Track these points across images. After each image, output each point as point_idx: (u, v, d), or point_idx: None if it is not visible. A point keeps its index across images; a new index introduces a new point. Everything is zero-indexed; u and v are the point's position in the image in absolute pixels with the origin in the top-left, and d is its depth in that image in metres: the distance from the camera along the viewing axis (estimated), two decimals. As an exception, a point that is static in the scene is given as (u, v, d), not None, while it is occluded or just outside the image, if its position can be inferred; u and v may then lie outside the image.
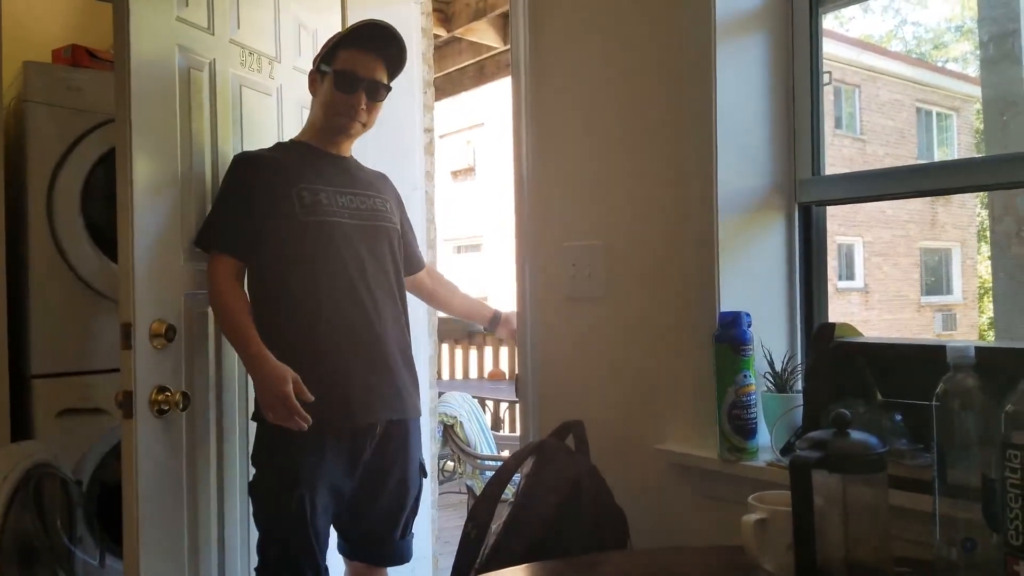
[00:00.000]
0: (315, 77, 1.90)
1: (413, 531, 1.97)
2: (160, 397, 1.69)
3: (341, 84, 1.83)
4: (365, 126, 1.90)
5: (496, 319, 2.18)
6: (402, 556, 1.93)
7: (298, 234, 1.75)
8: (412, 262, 2.07)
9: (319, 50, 1.93)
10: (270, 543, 1.76)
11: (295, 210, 1.76)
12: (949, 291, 11.25)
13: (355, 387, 1.76)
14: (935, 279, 11.37)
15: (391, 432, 1.85)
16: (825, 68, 1.56)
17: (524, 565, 1.21)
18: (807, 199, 1.53)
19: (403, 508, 1.90)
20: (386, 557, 1.92)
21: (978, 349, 0.99)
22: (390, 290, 1.86)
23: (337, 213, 1.80)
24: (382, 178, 2.03)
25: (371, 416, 1.80)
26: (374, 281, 1.82)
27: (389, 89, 1.91)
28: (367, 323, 1.79)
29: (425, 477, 2.00)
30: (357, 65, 1.83)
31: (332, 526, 1.85)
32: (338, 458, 1.77)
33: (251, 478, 1.81)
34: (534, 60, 1.86)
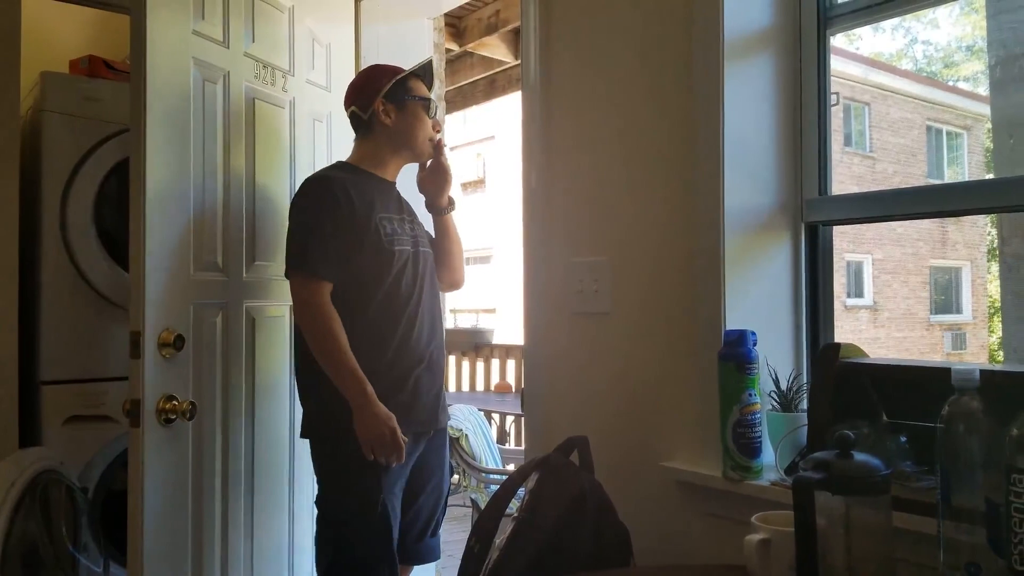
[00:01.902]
0: (387, 107, 1.91)
1: (440, 532, 2.04)
2: (167, 406, 1.70)
3: (428, 110, 1.97)
4: None
5: (429, 203, 2.06)
6: (432, 553, 2.01)
7: (384, 261, 1.83)
8: None
9: (377, 80, 1.93)
10: (347, 557, 1.77)
11: (381, 239, 1.84)
12: (959, 310, 11.20)
13: (424, 397, 1.89)
14: (945, 298, 11.32)
15: (437, 432, 1.97)
16: (834, 87, 1.57)
17: (526, 581, 1.22)
18: (813, 219, 1.54)
19: (438, 504, 2.01)
20: (419, 555, 1.98)
21: (983, 372, 0.99)
22: (439, 310, 2.01)
23: (405, 241, 1.90)
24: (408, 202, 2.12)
25: (435, 422, 1.94)
26: (431, 302, 1.95)
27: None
28: (428, 341, 1.92)
29: (452, 476, 2.11)
30: (427, 93, 1.99)
31: None
32: (407, 460, 1.84)
33: (318, 496, 1.83)
34: (544, 77, 1.87)
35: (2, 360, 2.24)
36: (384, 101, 1.91)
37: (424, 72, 2.01)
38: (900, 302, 11.01)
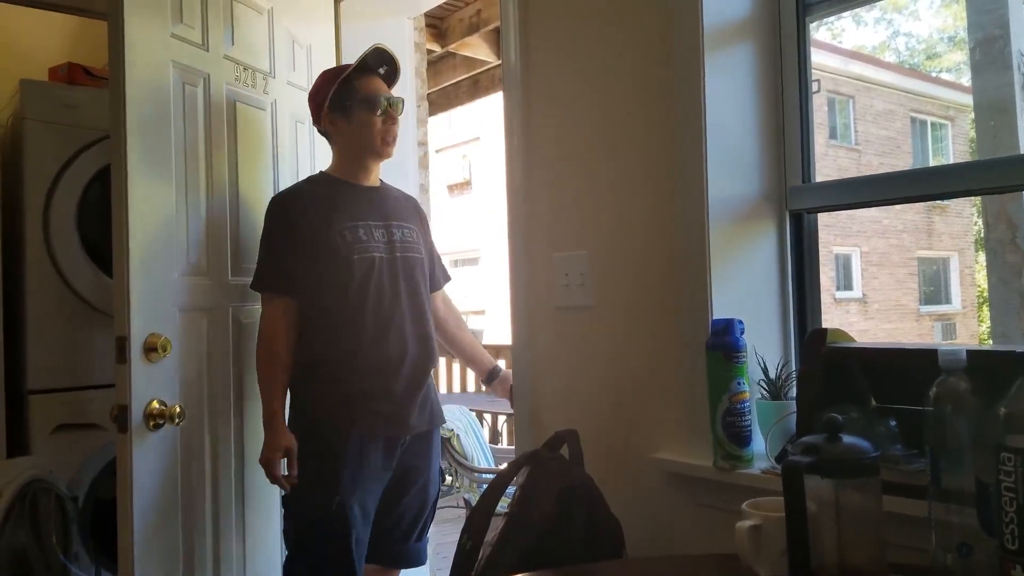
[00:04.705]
0: (333, 117, 1.92)
1: (427, 536, 2.03)
2: (155, 411, 1.69)
3: (374, 107, 1.89)
4: (395, 140, 1.97)
5: (495, 373, 2.18)
6: (418, 558, 2.00)
7: (343, 270, 1.83)
8: (431, 282, 2.08)
9: (321, 90, 1.93)
10: (303, 557, 1.80)
11: (339, 248, 1.83)
12: (948, 300, 11.24)
13: (399, 402, 1.86)
14: (933, 288, 11.35)
15: (419, 436, 1.94)
16: (815, 77, 1.57)
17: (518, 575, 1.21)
18: (798, 206, 1.54)
19: (424, 509, 1.99)
20: (403, 558, 1.97)
21: (969, 352, 0.98)
22: (424, 315, 1.95)
23: (375, 248, 1.87)
24: (409, 202, 2.09)
25: (412, 427, 1.90)
26: (409, 309, 1.91)
27: (403, 100, 1.98)
28: (406, 346, 1.88)
29: (443, 482, 2.05)
30: (377, 88, 1.92)
31: None
32: (375, 467, 1.84)
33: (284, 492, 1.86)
34: (525, 74, 1.87)
35: (-13, 370, 2.22)
36: (329, 112, 1.91)
37: (373, 62, 1.94)
38: (889, 293, 11.05)
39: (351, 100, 1.89)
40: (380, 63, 1.96)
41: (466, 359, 2.27)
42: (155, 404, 1.69)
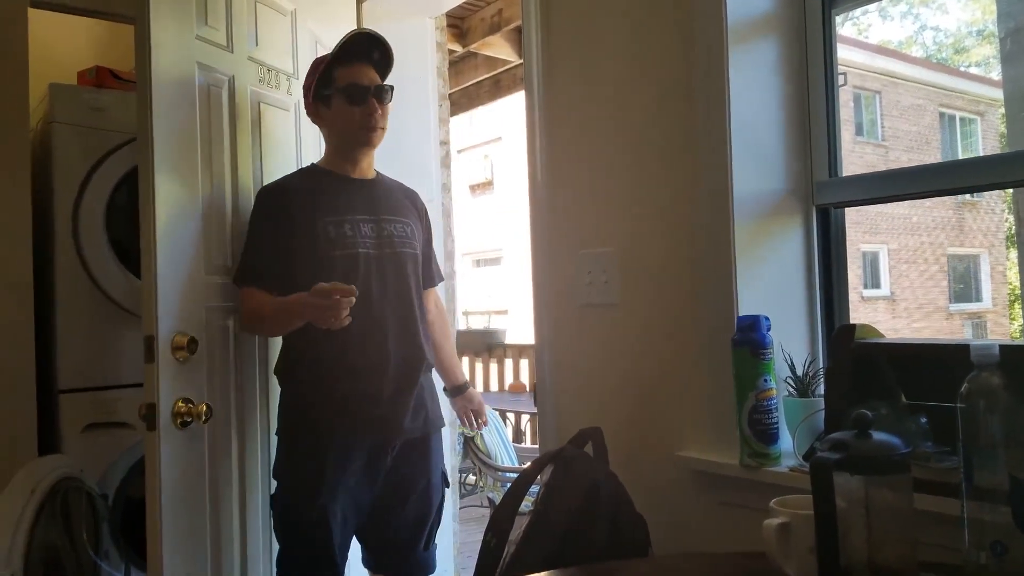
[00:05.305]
0: (316, 106, 1.91)
1: (436, 542, 1.98)
2: (183, 409, 1.70)
3: (353, 98, 1.85)
4: (384, 130, 1.91)
5: (461, 389, 2.19)
6: (426, 566, 1.95)
7: (326, 268, 1.77)
8: (424, 278, 2.04)
9: (307, 81, 1.93)
10: (290, 555, 1.79)
11: (321, 244, 1.79)
12: (979, 298, 11.06)
13: (384, 406, 1.81)
14: (964, 286, 11.18)
15: (413, 442, 1.88)
16: (840, 70, 1.55)
17: (543, 573, 1.20)
18: (824, 201, 1.52)
19: (427, 517, 1.93)
20: (411, 567, 1.93)
21: (1002, 347, 0.97)
22: (411, 314, 1.89)
23: (361, 244, 1.83)
24: (408, 195, 2.03)
25: (404, 433, 1.84)
26: (397, 308, 1.85)
27: (392, 88, 1.92)
28: (388, 350, 1.82)
29: (448, 487, 2.02)
30: (358, 77, 1.86)
31: (356, 538, 1.88)
32: (359, 470, 1.80)
33: (272, 491, 1.84)
34: (547, 72, 1.87)
35: (20, 369, 2.26)
36: (314, 102, 1.90)
37: (353, 51, 1.86)
38: (918, 292, 10.89)
39: (330, 90, 1.87)
40: (370, 49, 1.90)
41: (441, 368, 2.18)
42: (182, 403, 1.71)
